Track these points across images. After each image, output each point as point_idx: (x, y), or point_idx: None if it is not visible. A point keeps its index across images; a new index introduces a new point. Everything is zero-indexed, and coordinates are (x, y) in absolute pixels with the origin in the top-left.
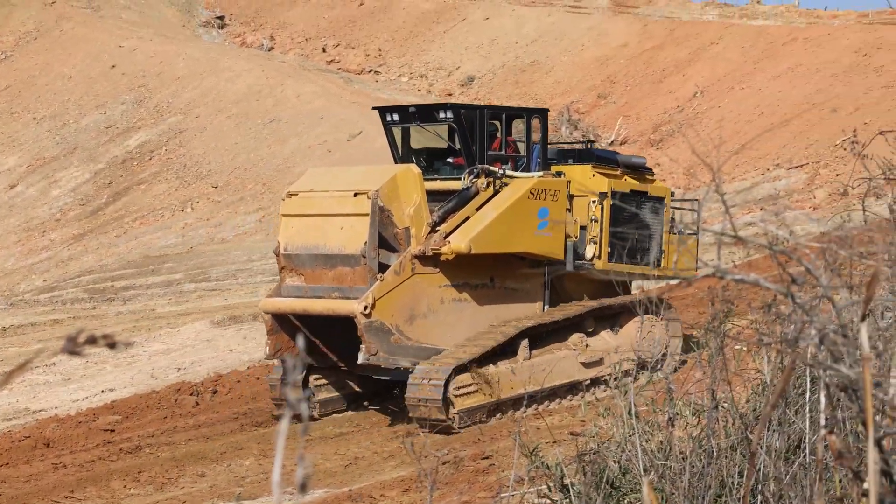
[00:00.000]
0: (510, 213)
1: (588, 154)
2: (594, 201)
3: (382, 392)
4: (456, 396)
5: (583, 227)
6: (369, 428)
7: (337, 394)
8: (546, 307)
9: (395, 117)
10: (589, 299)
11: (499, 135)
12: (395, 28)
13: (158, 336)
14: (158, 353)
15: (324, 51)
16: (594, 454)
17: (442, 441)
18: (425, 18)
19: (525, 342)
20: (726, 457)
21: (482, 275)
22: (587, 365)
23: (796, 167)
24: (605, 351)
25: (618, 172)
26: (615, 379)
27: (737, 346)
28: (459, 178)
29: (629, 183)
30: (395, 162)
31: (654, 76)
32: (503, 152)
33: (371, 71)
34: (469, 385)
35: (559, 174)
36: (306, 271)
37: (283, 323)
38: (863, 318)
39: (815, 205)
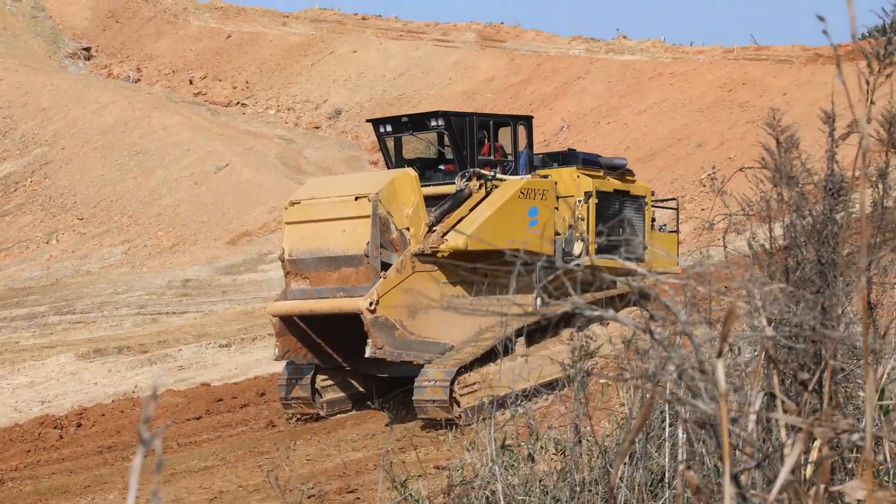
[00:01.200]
0: (502, 211)
1: (572, 157)
2: (580, 200)
3: (385, 391)
4: (461, 395)
5: (570, 226)
6: (234, 461)
7: (342, 394)
8: (537, 303)
9: (388, 128)
10: (576, 295)
11: (487, 141)
12: (262, 61)
13: (22, 369)
14: (22, 385)
15: (191, 83)
16: (464, 486)
17: (307, 474)
18: (293, 51)
19: (522, 339)
20: (590, 490)
21: (477, 272)
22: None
23: (662, 201)
24: (597, 344)
25: (601, 173)
26: (481, 410)
27: (601, 381)
28: (451, 184)
29: (612, 183)
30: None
31: (521, 110)
32: (492, 157)
33: (238, 103)
34: (473, 384)
35: (546, 176)
36: (311, 274)
37: (291, 325)
38: (719, 355)
39: (680, 239)
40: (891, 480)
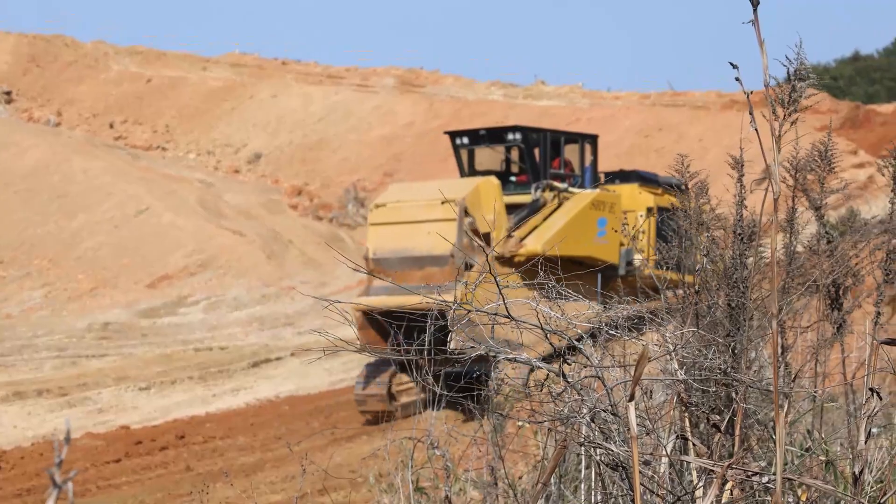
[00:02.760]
0: (575, 221)
1: (633, 175)
2: (641, 215)
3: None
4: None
5: (633, 238)
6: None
7: (416, 398)
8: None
9: (465, 140)
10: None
11: (557, 155)
12: (182, 105)
13: None
14: None
15: (111, 127)
16: None
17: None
18: (213, 96)
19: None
20: None
21: (547, 276)
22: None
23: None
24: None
25: (659, 191)
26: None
27: (518, 423)
28: (522, 193)
29: (669, 199)
30: None
31: (441, 154)
32: (561, 171)
33: (158, 147)
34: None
35: (613, 191)
36: (394, 273)
37: (371, 321)
38: (631, 398)
39: None
40: None
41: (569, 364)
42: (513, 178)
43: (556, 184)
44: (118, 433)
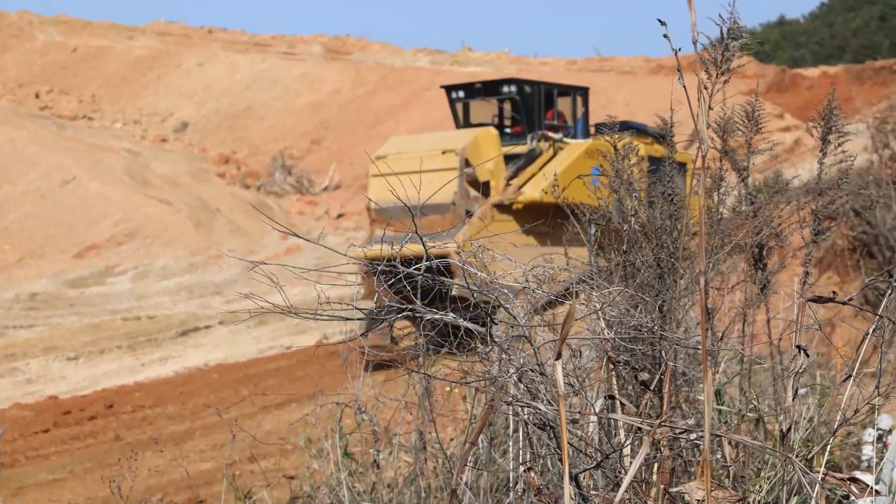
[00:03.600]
0: (571, 169)
1: (624, 125)
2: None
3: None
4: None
5: None
6: (82, 474)
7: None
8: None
9: (461, 94)
10: None
11: (550, 107)
12: (108, 74)
13: None
14: None
15: (37, 97)
16: (307, 497)
17: (155, 486)
18: (139, 65)
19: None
20: (436, 497)
21: (545, 223)
22: None
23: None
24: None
25: (650, 141)
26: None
27: (447, 387)
28: (518, 144)
29: (660, 150)
30: None
31: (368, 121)
32: (555, 122)
33: (85, 117)
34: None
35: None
36: (395, 222)
37: (373, 269)
38: (557, 357)
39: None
40: (730, 481)
41: (495, 324)
42: (507, 130)
43: (551, 134)
44: (46, 403)
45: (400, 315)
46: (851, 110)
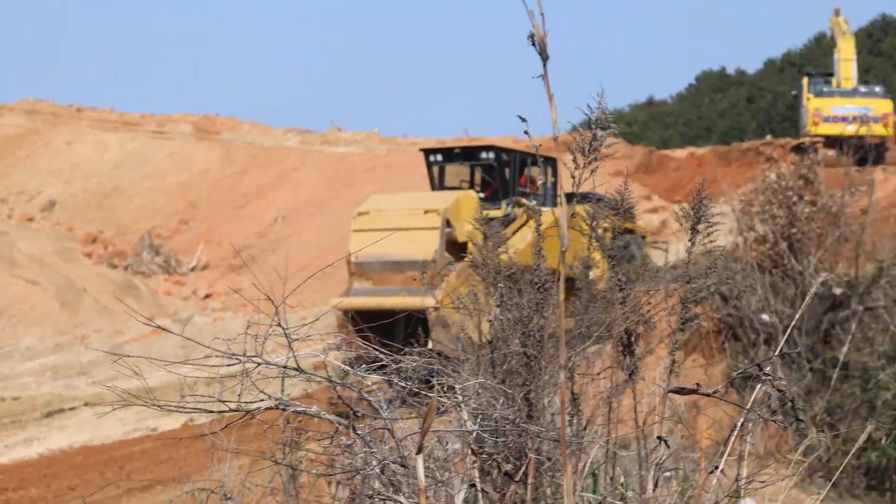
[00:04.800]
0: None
1: (588, 196)
2: (594, 234)
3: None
4: None
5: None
6: None
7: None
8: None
9: (439, 157)
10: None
11: (522, 174)
12: None
13: None
14: None
15: None
16: None
17: None
18: (7, 143)
19: None
20: None
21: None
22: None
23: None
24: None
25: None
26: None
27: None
28: (492, 208)
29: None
30: None
31: (237, 201)
32: (527, 188)
33: None
34: None
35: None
36: (375, 276)
37: (349, 321)
38: (419, 450)
39: None
40: None
41: (357, 416)
42: (481, 195)
43: (524, 200)
44: None
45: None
46: (717, 192)
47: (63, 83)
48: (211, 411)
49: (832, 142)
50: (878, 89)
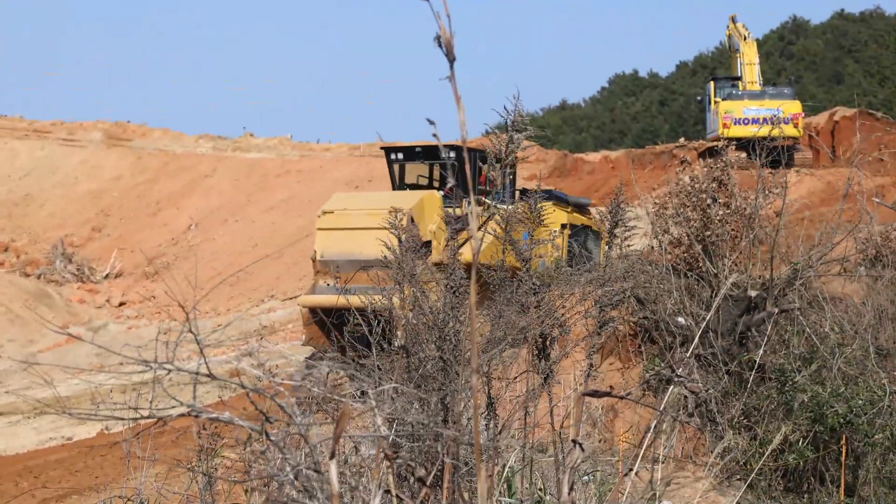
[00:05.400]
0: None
1: (548, 193)
2: (555, 231)
3: None
4: None
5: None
6: None
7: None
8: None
9: (400, 156)
10: None
11: (482, 173)
12: None
13: None
14: None
15: None
16: None
17: None
18: None
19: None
20: None
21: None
22: None
23: (290, 298)
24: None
25: (569, 209)
26: None
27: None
28: (454, 207)
29: (579, 218)
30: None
31: (149, 208)
32: (486, 187)
33: None
34: None
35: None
36: (340, 274)
37: (315, 317)
38: (332, 456)
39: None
40: None
41: (270, 422)
42: (441, 192)
43: (484, 199)
44: None
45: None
46: (631, 196)
47: None
48: (123, 419)
49: (744, 144)
50: (786, 91)
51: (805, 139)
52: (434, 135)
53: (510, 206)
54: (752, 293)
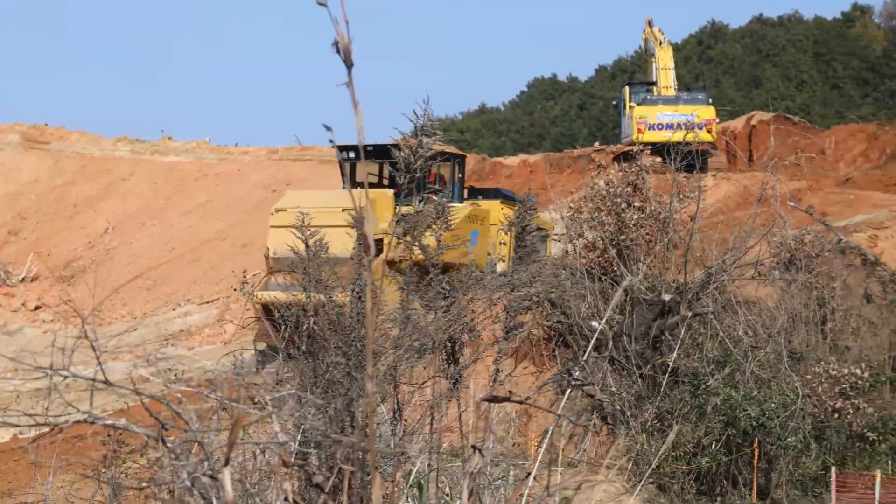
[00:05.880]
0: (453, 232)
1: (495, 192)
2: (502, 229)
3: None
4: None
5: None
6: None
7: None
8: None
9: (352, 154)
10: None
11: (431, 171)
12: None
13: None
14: None
15: None
16: None
17: None
18: None
19: None
20: None
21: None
22: None
23: (207, 302)
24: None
25: (517, 207)
26: None
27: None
28: (405, 205)
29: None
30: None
31: (66, 212)
32: (436, 185)
33: None
34: None
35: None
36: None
37: (267, 314)
38: (226, 463)
39: (225, 339)
40: None
41: (166, 429)
42: (391, 190)
43: (434, 197)
44: None
45: None
46: (547, 200)
47: None
48: (17, 425)
49: (658, 149)
50: (700, 96)
51: (722, 143)
52: (330, 140)
53: (467, 205)
54: (667, 297)
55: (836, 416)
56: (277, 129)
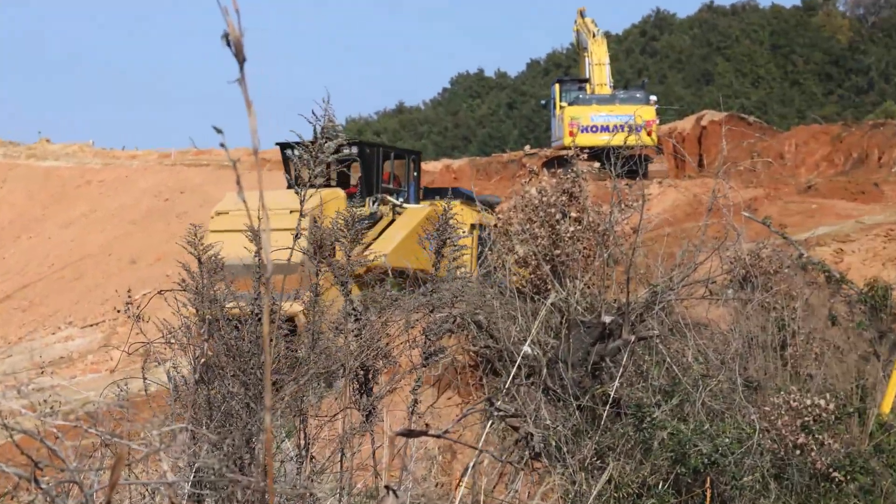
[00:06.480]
0: (413, 235)
1: (456, 192)
2: (464, 231)
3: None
4: None
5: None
6: None
7: None
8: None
9: (297, 152)
10: None
11: (385, 170)
12: None
13: None
14: None
15: None
16: None
17: None
18: None
19: None
20: None
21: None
22: None
23: (91, 325)
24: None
25: (478, 209)
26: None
27: None
28: (358, 206)
29: (488, 217)
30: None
31: None
32: (390, 185)
33: None
34: None
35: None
36: (237, 280)
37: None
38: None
39: (111, 367)
40: None
41: (40, 468)
42: (343, 191)
43: (390, 198)
44: None
45: None
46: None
47: None
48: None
49: (597, 153)
50: (638, 94)
51: (669, 146)
52: (221, 144)
53: (425, 206)
54: (607, 319)
55: (797, 452)
56: (171, 131)
